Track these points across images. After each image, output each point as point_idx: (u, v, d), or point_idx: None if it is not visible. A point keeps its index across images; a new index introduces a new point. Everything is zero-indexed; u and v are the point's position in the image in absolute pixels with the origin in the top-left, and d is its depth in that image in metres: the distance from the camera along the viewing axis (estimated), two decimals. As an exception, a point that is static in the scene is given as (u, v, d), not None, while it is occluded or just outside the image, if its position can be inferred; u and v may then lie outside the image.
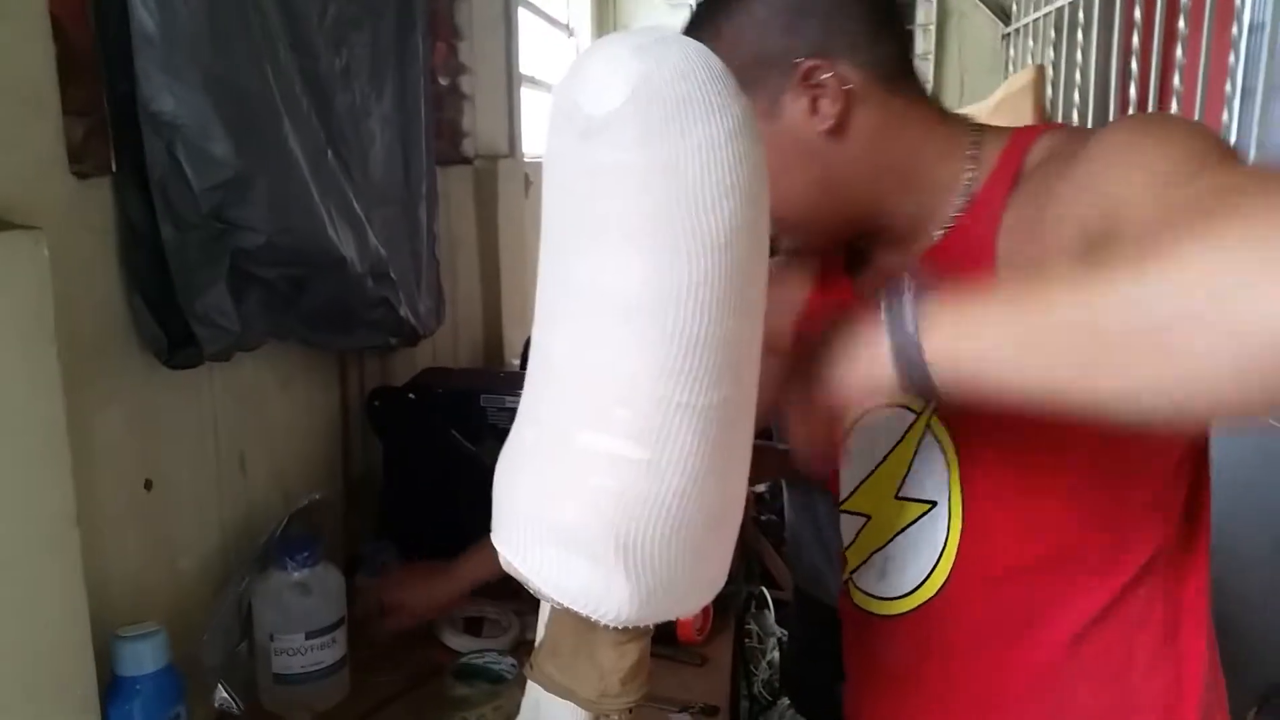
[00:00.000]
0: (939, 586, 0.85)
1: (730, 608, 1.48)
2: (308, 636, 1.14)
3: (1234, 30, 2.15)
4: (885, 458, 0.88)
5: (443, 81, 1.90)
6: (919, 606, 0.87)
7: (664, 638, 1.16)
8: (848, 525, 0.95)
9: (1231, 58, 2.17)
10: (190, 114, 0.93)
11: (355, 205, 1.25)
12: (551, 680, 0.72)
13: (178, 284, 0.98)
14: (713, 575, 0.67)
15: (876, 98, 0.81)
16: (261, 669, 1.16)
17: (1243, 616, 1.46)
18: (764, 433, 2.47)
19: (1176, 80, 2.36)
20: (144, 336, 1.01)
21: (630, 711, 0.72)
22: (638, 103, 0.56)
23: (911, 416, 0.85)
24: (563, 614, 0.69)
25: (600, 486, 0.60)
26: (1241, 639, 1.46)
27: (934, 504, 0.85)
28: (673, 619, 0.67)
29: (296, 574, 1.15)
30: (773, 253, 0.95)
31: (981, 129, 0.84)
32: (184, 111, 0.93)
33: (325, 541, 1.20)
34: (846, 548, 0.95)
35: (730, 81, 0.59)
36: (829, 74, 0.79)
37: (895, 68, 0.82)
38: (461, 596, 1.30)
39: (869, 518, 0.92)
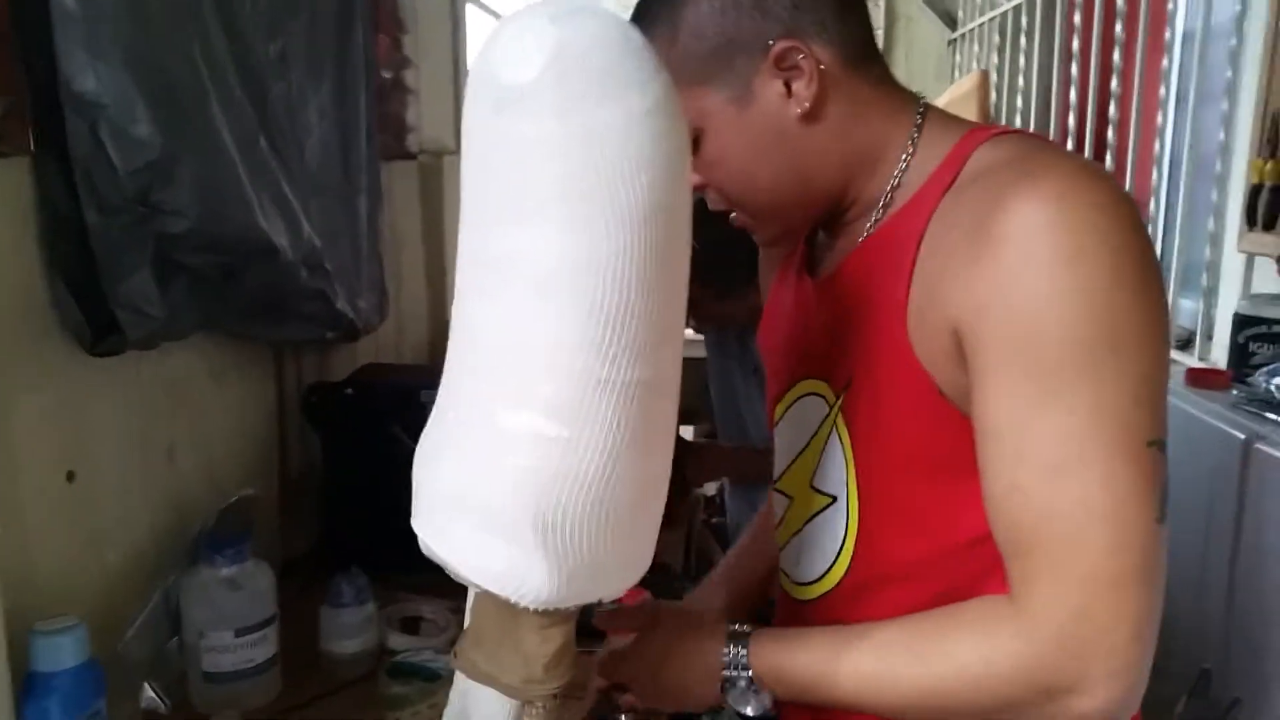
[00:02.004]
0: (838, 579, 0.86)
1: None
2: (237, 634, 1.12)
3: (1167, 35, 2.21)
4: (806, 445, 0.88)
5: (386, 75, 1.89)
6: (823, 595, 0.88)
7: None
8: (777, 503, 0.95)
9: (1165, 61, 2.22)
10: (113, 94, 0.91)
11: (288, 194, 1.22)
12: (476, 668, 0.72)
13: (101, 269, 0.96)
14: (636, 555, 0.67)
15: (846, 79, 0.80)
16: (192, 667, 1.14)
17: (1172, 605, 1.49)
18: (710, 433, 2.47)
19: (1114, 84, 2.40)
20: (66, 322, 0.98)
21: (555, 697, 0.71)
22: (554, 73, 0.56)
23: (825, 409, 0.85)
24: (485, 600, 0.68)
25: (518, 465, 0.60)
26: (1171, 627, 1.49)
27: (834, 499, 0.85)
28: (596, 600, 0.67)
29: (225, 570, 1.12)
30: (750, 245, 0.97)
31: (927, 111, 0.83)
32: (107, 91, 0.91)
33: (256, 537, 1.18)
34: (776, 526, 0.96)
35: (650, 56, 0.59)
36: (803, 55, 0.77)
37: (861, 47, 0.81)
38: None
39: (792, 499, 0.92)
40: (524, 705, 0.71)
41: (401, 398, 1.46)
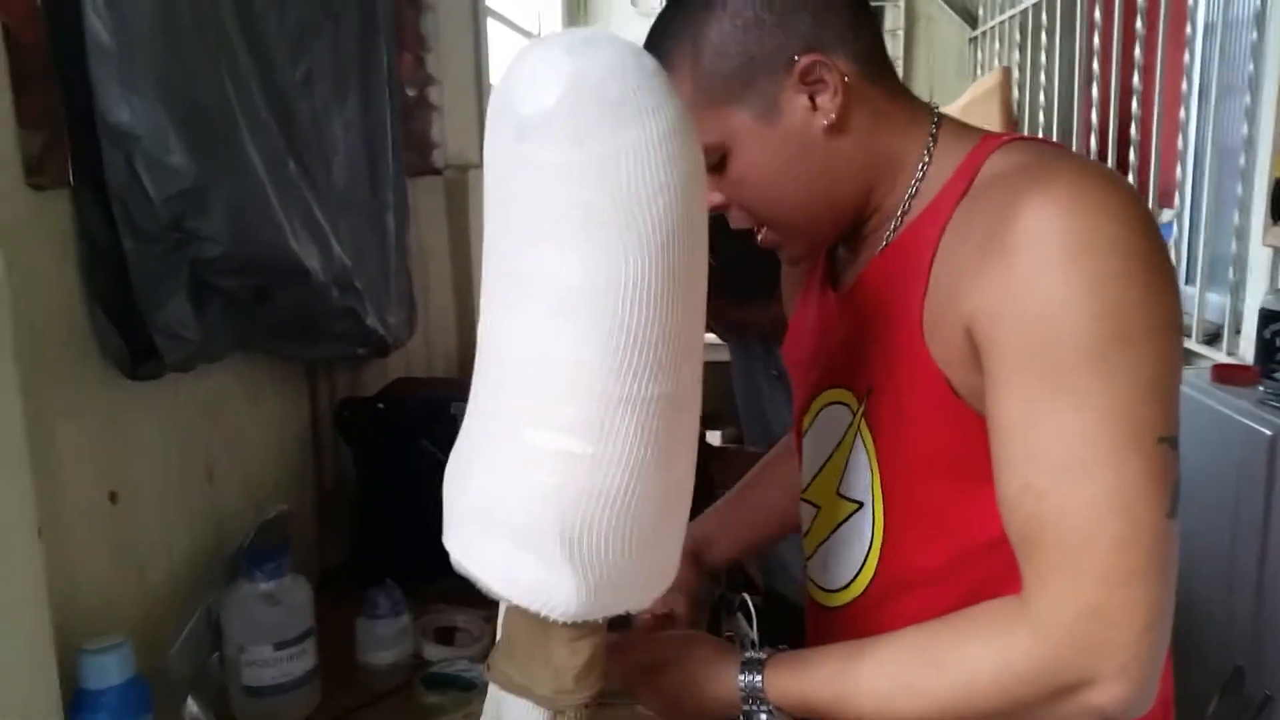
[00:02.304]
0: (865, 586, 0.87)
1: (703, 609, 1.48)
2: (276, 648, 1.14)
3: (1188, 29, 2.19)
4: (832, 453, 0.89)
5: (410, 92, 1.91)
6: (851, 602, 0.89)
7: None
8: (805, 513, 0.96)
9: (1186, 56, 2.20)
10: (147, 125, 0.94)
11: (318, 215, 1.25)
12: (509, 679, 0.73)
13: (138, 295, 0.98)
14: (662, 566, 0.68)
15: (866, 90, 0.81)
16: (233, 681, 1.16)
17: (1204, 603, 1.48)
18: (735, 437, 2.47)
19: (1136, 79, 2.39)
20: (106, 348, 1.01)
21: (586, 707, 0.73)
22: (570, 102, 0.57)
23: (850, 416, 0.86)
24: (516, 613, 0.70)
25: (544, 482, 0.61)
26: (1202, 625, 1.49)
27: (861, 505, 0.86)
28: (623, 612, 0.68)
29: (264, 585, 1.14)
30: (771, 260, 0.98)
31: (941, 120, 0.84)
32: (141, 122, 0.93)
33: (293, 552, 1.20)
34: (804, 535, 0.97)
35: (664, 81, 0.61)
36: (827, 68, 0.78)
37: (876, 59, 0.82)
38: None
39: (819, 508, 0.93)
40: (556, 715, 0.73)
41: (431, 411, 1.48)
